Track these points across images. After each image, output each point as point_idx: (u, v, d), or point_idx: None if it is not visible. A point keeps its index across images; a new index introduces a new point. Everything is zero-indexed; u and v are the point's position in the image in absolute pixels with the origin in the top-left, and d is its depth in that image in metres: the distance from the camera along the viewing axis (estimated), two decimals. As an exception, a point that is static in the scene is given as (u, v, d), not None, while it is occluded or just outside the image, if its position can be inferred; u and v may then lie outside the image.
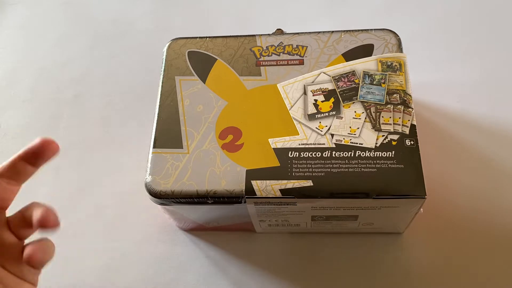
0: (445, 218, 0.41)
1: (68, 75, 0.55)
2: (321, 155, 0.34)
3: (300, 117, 0.36)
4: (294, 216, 0.37)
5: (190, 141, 0.37)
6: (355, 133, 0.35)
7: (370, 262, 0.40)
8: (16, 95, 0.54)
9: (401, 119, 0.35)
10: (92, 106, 0.52)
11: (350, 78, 0.37)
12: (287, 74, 0.38)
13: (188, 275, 0.41)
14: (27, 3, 0.62)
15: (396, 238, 0.41)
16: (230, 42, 0.41)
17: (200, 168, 0.35)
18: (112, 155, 0.48)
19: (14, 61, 0.57)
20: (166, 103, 0.38)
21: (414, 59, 0.40)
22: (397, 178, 0.33)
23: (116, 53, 0.56)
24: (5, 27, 0.60)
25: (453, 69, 0.49)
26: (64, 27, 0.59)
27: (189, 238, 0.43)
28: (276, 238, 0.42)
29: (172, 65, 0.40)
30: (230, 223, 0.40)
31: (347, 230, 0.40)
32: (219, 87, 0.39)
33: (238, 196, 0.34)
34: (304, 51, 0.39)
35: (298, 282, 0.40)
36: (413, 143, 0.34)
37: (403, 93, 0.36)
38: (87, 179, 0.47)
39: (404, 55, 0.38)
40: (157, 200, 0.35)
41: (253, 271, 0.41)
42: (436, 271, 0.39)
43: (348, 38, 0.39)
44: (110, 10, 0.60)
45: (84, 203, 0.46)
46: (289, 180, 0.34)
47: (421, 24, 0.52)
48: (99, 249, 0.43)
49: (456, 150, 0.44)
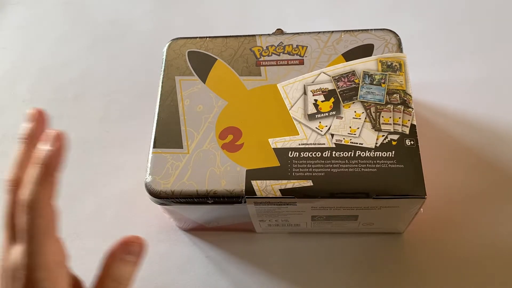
0: (445, 218, 0.41)
1: (68, 75, 0.55)
2: (321, 155, 0.34)
3: (300, 117, 0.36)
4: (294, 216, 0.37)
5: (190, 141, 0.37)
6: (355, 133, 0.35)
7: (370, 262, 0.40)
8: (16, 95, 0.54)
9: (401, 119, 0.35)
10: (92, 106, 0.52)
11: (350, 78, 0.37)
12: (287, 74, 0.38)
13: (188, 275, 0.41)
14: (27, 3, 0.62)
15: (396, 238, 0.41)
16: (230, 42, 0.41)
17: (200, 168, 0.35)
18: (112, 155, 0.48)
19: (14, 61, 0.57)
20: (166, 103, 0.38)
21: (414, 59, 0.40)
22: (397, 178, 0.33)
23: (116, 53, 0.56)
24: (5, 27, 0.60)
25: (453, 69, 0.49)
26: (64, 27, 0.59)
27: (189, 238, 0.43)
28: (276, 238, 0.42)
29: (172, 65, 0.40)
30: (230, 223, 0.40)
31: (347, 230, 0.40)
32: (219, 87, 0.39)
33: (238, 196, 0.34)
34: (304, 51, 0.39)
35: (298, 282, 0.40)
36: (413, 143, 0.34)
37: (403, 93, 0.36)
38: (87, 179, 0.47)
39: (404, 55, 0.38)
40: (157, 200, 0.35)
41: (253, 271, 0.41)
42: (436, 271, 0.39)
43: (348, 38, 0.39)
44: (110, 10, 0.60)
45: (84, 203, 0.46)
46: (289, 180, 0.34)
47: (421, 24, 0.52)
48: (99, 249, 0.43)
49: (456, 150, 0.44)
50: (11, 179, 0.31)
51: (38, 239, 0.28)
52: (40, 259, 0.28)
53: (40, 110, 0.33)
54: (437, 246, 0.40)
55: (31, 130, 0.32)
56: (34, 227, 0.28)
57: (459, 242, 0.40)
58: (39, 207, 0.29)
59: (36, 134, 0.32)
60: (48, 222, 0.29)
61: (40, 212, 0.29)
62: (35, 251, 0.28)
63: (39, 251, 0.28)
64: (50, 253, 0.28)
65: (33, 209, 0.28)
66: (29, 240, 0.28)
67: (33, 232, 0.28)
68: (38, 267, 0.28)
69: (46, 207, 0.29)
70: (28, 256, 0.28)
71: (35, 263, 0.28)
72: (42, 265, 0.28)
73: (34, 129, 0.32)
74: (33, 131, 0.32)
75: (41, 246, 0.28)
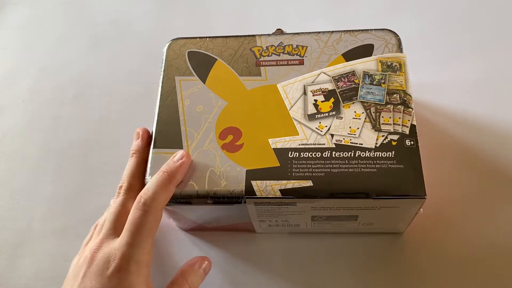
0: (445, 218, 0.41)
1: (68, 75, 0.55)
2: (321, 155, 0.34)
3: (300, 117, 0.36)
4: (294, 216, 0.37)
5: (190, 141, 0.37)
6: (355, 133, 0.35)
7: (370, 262, 0.40)
8: (16, 95, 0.54)
9: (401, 119, 0.35)
10: (92, 106, 0.52)
11: (350, 78, 0.37)
12: (287, 74, 0.38)
13: (188, 275, 0.41)
14: (27, 3, 0.62)
15: (396, 238, 0.41)
16: (230, 42, 0.41)
17: (200, 168, 0.35)
18: (112, 155, 0.48)
19: (14, 61, 0.57)
20: (166, 103, 0.38)
21: (414, 59, 0.40)
22: (397, 178, 0.33)
23: (116, 53, 0.56)
24: (5, 27, 0.60)
25: (453, 69, 0.49)
26: (64, 27, 0.59)
27: (189, 238, 0.43)
28: (276, 238, 0.42)
29: (172, 65, 0.40)
30: (230, 223, 0.40)
31: (347, 230, 0.40)
32: (219, 87, 0.39)
33: (238, 196, 0.34)
34: (304, 51, 0.39)
35: (298, 282, 0.40)
36: (413, 143, 0.34)
37: (403, 93, 0.36)
38: (87, 179, 0.47)
39: (404, 55, 0.38)
40: (157, 200, 0.35)
41: (253, 271, 0.41)
42: (436, 271, 0.39)
43: (348, 38, 0.39)
44: (110, 10, 0.60)
45: (84, 203, 0.46)
46: (289, 180, 0.34)
47: (421, 24, 0.52)
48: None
49: (456, 150, 0.44)
50: (125, 186, 0.35)
51: (143, 235, 0.31)
52: (138, 253, 0.31)
53: (145, 129, 0.39)
54: (437, 246, 0.40)
55: (139, 146, 0.37)
56: (143, 223, 0.31)
57: (459, 242, 0.40)
58: (154, 208, 0.32)
59: (144, 149, 0.37)
60: (155, 223, 0.32)
61: (153, 212, 0.32)
62: (136, 245, 0.31)
63: (140, 245, 0.31)
64: (147, 251, 0.32)
65: (150, 207, 0.32)
66: (135, 233, 0.31)
67: (141, 228, 0.31)
68: (133, 260, 0.31)
69: (159, 210, 0.33)
70: (128, 247, 0.31)
71: (132, 255, 0.31)
72: (137, 259, 0.31)
73: (141, 145, 0.37)
74: (141, 147, 0.37)
75: (143, 241, 0.31)
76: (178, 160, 0.34)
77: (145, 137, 0.38)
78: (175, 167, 0.34)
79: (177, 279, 0.35)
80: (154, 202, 0.32)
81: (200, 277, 0.36)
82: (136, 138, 0.38)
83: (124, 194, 0.35)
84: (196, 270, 0.36)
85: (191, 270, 0.36)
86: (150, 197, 0.32)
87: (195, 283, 0.35)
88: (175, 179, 0.34)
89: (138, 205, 0.32)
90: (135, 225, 0.32)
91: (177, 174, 0.34)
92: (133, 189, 0.35)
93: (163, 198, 0.33)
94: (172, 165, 0.34)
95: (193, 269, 0.36)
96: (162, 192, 0.33)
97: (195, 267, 0.36)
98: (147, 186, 0.33)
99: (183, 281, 0.35)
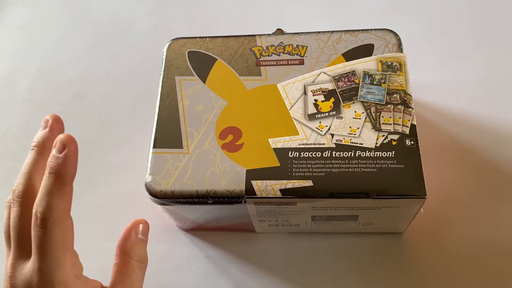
0: (445, 218, 0.41)
1: (68, 75, 0.55)
2: (321, 155, 0.34)
3: (300, 117, 0.36)
4: (294, 216, 0.37)
5: (190, 141, 0.37)
6: (355, 133, 0.35)
7: (370, 262, 0.40)
8: (16, 95, 0.54)
9: (401, 119, 0.35)
10: (92, 106, 0.52)
11: (350, 78, 0.37)
12: (287, 74, 0.38)
13: (188, 275, 0.41)
14: (27, 3, 0.62)
15: (396, 238, 0.41)
16: (230, 42, 0.41)
17: (200, 168, 0.35)
18: (112, 155, 0.48)
19: (14, 61, 0.57)
20: (166, 103, 0.38)
21: (414, 59, 0.40)
22: (397, 178, 0.33)
23: (116, 53, 0.56)
24: (5, 27, 0.60)
25: (453, 69, 0.49)
26: (64, 27, 0.59)
27: (189, 238, 0.43)
28: (276, 238, 0.42)
29: (172, 65, 0.40)
30: (230, 223, 0.40)
31: (347, 230, 0.40)
32: (219, 87, 0.39)
33: (238, 196, 0.34)
34: (304, 51, 0.39)
35: (298, 282, 0.40)
36: (413, 143, 0.34)
37: (403, 93, 0.36)
38: (87, 179, 0.47)
39: (404, 55, 0.38)
40: (157, 200, 0.35)
41: (253, 271, 0.41)
42: (436, 271, 0.39)
43: (348, 38, 0.39)
44: (110, 10, 0.60)
45: (84, 203, 0.46)
46: (289, 180, 0.34)
47: (421, 24, 0.52)
48: (99, 249, 0.43)
49: (456, 150, 0.44)
50: (20, 191, 0.29)
51: (56, 253, 0.27)
52: (58, 274, 0.27)
53: (55, 116, 0.31)
54: (437, 246, 0.40)
55: (44, 138, 0.30)
56: (51, 241, 0.26)
57: (459, 242, 0.40)
58: (56, 220, 0.27)
59: (49, 142, 0.30)
60: (65, 234, 0.27)
61: (57, 225, 0.27)
62: (52, 266, 0.27)
63: (57, 265, 0.27)
64: (68, 267, 0.27)
65: (50, 222, 0.26)
66: (45, 255, 0.26)
67: (50, 246, 0.26)
68: (57, 283, 0.27)
69: (63, 220, 0.27)
70: (45, 271, 0.26)
71: (53, 279, 0.26)
72: (61, 280, 0.27)
73: (47, 137, 0.30)
74: (46, 139, 0.30)
75: (59, 260, 0.27)
76: (61, 152, 0.27)
77: (55, 128, 0.31)
78: (60, 164, 0.27)
79: (120, 260, 0.30)
80: (53, 213, 0.26)
81: (142, 244, 0.32)
82: (43, 127, 0.31)
83: (19, 204, 0.29)
84: (135, 239, 0.31)
85: (129, 242, 0.31)
86: (46, 209, 0.26)
87: (141, 253, 0.31)
88: (67, 178, 0.27)
89: (36, 222, 0.26)
90: (40, 247, 0.26)
91: (66, 171, 0.27)
92: (30, 193, 0.29)
93: (62, 205, 0.27)
94: (55, 162, 0.27)
95: (131, 240, 0.31)
96: (59, 199, 0.27)
97: (131, 237, 0.31)
98: (39, 196, 0.27)
99: (128, 259, 0.30)
